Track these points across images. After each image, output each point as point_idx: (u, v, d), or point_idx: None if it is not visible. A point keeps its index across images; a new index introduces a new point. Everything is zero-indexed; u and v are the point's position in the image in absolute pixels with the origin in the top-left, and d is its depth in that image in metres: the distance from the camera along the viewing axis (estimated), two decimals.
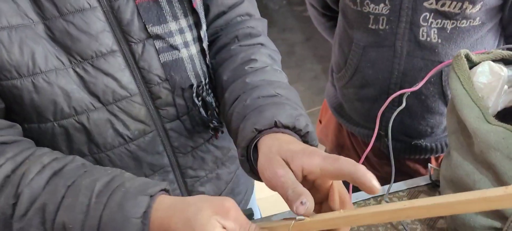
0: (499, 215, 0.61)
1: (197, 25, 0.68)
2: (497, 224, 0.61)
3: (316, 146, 0.58)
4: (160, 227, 0.47)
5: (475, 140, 0.59)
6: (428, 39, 0.88)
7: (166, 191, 0.51)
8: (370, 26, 0.92)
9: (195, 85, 0.67)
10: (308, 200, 0.45)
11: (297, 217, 0.46)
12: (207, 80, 0.70)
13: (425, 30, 0.87)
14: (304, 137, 0.57)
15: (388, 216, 0.44)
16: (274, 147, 0.51)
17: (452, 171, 0.64)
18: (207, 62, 0.70)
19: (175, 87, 0.65)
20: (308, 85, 3.09)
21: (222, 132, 0.76)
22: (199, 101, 0.68)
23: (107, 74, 0.59)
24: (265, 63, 0.67)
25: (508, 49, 0.67)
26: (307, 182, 0.50)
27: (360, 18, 0.93)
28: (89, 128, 0.61)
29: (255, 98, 0.60)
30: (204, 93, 0.69)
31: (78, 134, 0.61)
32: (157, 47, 0.62)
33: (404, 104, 0.72)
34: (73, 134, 0.61)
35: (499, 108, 0.66)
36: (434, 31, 0.87)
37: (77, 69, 0.58)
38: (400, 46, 0.90)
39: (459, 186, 0.63)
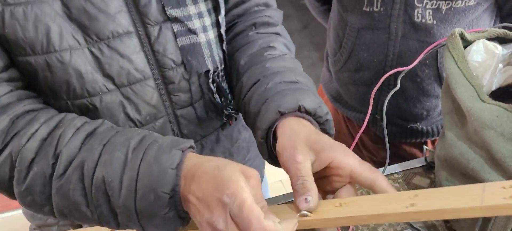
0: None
1: (216, 9, 0.67)
2: None
3: (333, 135, 0.60)
4: (187, 174, 0.49)
5: (469, 118, 0.59)
6: (423, 20, 0.87)
7: (192, 148, 0.53)
8: (364, 8, 0.91)
9: (211, 71, 0.67)
10: (312, 199, 0.47)
11: (303, 212, 0.48)
12: (222, 66, 0.70)
13: (420, 11, 0.86)
14: (323, 125, 0.58)
15: (393, 218, 0.45)
16: (301, 133, 0.52)
17: (446, 151, 0.64)
18: (224, 48, 0.70)
19: (191, 72, 0.64)
20: (306, 72, 3.08)
21: (236, 119, 0.75)
22: (214, 87, 0.68)
23: (122, 55, 0.59)
24: (283, 51, 0.68)
25: (503, 27, 0.67)
26: (324, 172, 0.52)
27: (354, 0, 0.92)
28: (101, 110, 0.60)
29: (277, 83, 0.61)
30: (219, 79, 0.69)
31: (89, 115, 0.61)
32: (175, 31, 0.61)
33: (398, 85, 0.72)
34: (85, 115, 0.60)
35: (493, 88, 0.66)
36: (429, 12, 0.86)
37: (93, 49, 0.57)
38: (395, 28, 0.90)
39: (454, 165, 0.63)
